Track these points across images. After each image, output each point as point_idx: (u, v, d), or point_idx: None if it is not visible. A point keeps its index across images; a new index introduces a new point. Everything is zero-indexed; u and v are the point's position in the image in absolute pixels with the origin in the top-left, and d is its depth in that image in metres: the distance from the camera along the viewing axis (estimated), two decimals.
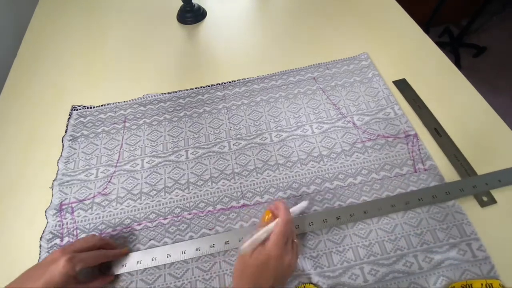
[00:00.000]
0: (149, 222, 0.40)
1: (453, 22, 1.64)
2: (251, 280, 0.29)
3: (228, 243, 0.37)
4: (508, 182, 0.39)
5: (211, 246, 0.37)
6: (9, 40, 0.72)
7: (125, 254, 0.37)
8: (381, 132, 0.46)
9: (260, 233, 0.31)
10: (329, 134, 0.47)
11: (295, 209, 0.35)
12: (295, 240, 0.33)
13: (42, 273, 0.30)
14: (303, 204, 0.35)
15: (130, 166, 0.46)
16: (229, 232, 0.39)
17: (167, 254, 0.37)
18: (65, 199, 0.43)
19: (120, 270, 0.36)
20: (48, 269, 0.30)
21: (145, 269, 0.37)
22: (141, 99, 0.53)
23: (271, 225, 0.32)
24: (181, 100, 0.53)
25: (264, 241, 0.31)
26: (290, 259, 0.31)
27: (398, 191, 0.40)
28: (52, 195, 0.43)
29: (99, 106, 0.53)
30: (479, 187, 0.39)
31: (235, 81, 0.55)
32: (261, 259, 0.30)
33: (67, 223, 0.41)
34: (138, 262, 0.37)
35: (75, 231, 0.40)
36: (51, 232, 0.40)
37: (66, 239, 0.40)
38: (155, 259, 0.37)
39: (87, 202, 0.43)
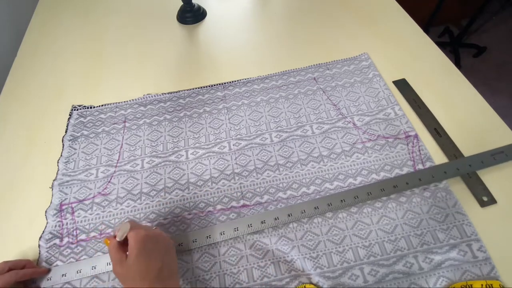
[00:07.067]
0: (149, 222, 0.40)
1: (453, 22, 1.64)
2: (141, 269, 0.28)
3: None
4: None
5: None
6: (9, 40, 0.72)
7: (45, 272, 0.37)
8: (381, 133, 0.46)
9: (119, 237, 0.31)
10: (329, 134, 0.47)
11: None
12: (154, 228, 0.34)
13: None
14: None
15: (130, 166, 0.45)
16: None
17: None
18: (65, 199, 0.43)
19: (46, 284, 0.36)
20: None
21: None
22: (141, 99, 0.53)
23: (119, 232, 0.31)
24: (181, 100, 0.53)
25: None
26: (161, 233, 0.32)
27: None
28: (52, 195, 0.43)
29: (99, 106, 0.53)
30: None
31: (235, 81, 0.55)
32: (138, 248, 0.29)
33: (67, 223, 0.41)
34: (63, 275, 0.36)
35: (74, 231, 0.40)
36: (50, 232, 0.40)
37: (65, 239, 0.40)
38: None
39: (87, 202, 0.42)
